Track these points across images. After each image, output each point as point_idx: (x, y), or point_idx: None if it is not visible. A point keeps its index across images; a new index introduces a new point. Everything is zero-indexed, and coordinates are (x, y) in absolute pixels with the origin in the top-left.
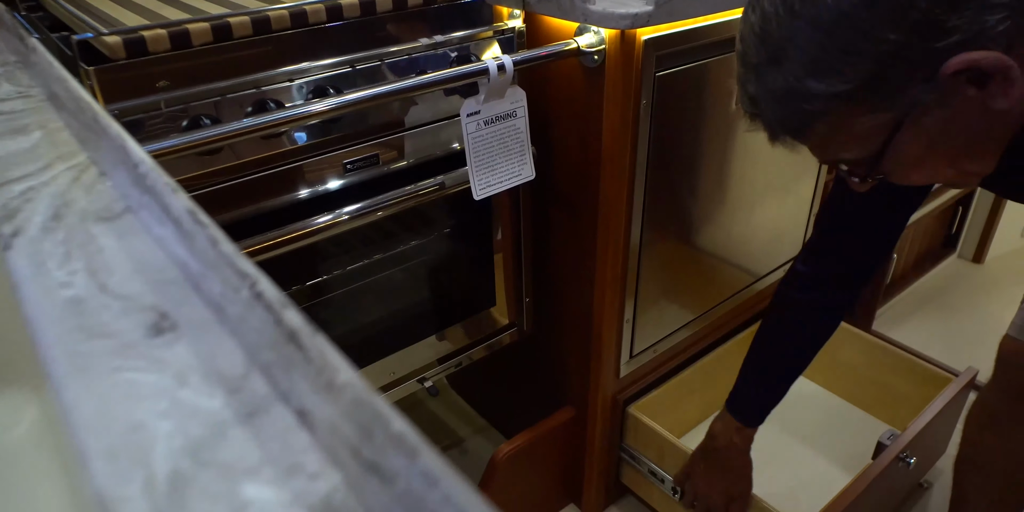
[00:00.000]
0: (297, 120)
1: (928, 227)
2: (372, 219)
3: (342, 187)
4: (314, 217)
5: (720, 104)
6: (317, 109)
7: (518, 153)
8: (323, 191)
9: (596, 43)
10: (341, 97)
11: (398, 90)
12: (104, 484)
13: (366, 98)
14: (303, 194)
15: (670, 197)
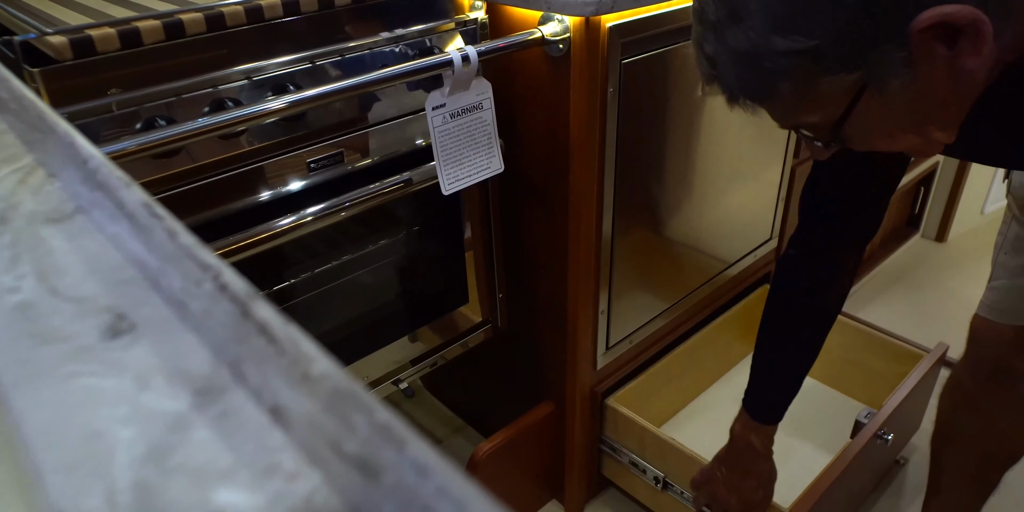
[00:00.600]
0: (255, 118)
1: (891, 208)
2: (338, 219)
3: (306, 187)
4: (278, 219)
5: (687, 90)
6: (276, 106)
7: (486, 146)
8: (286, 192)
9: (561, 32)
10: (300, 94)
11: (359, 85)
12: (61, 499)
13: (326, 94)
14: (266, 195)
15: (640, 186)
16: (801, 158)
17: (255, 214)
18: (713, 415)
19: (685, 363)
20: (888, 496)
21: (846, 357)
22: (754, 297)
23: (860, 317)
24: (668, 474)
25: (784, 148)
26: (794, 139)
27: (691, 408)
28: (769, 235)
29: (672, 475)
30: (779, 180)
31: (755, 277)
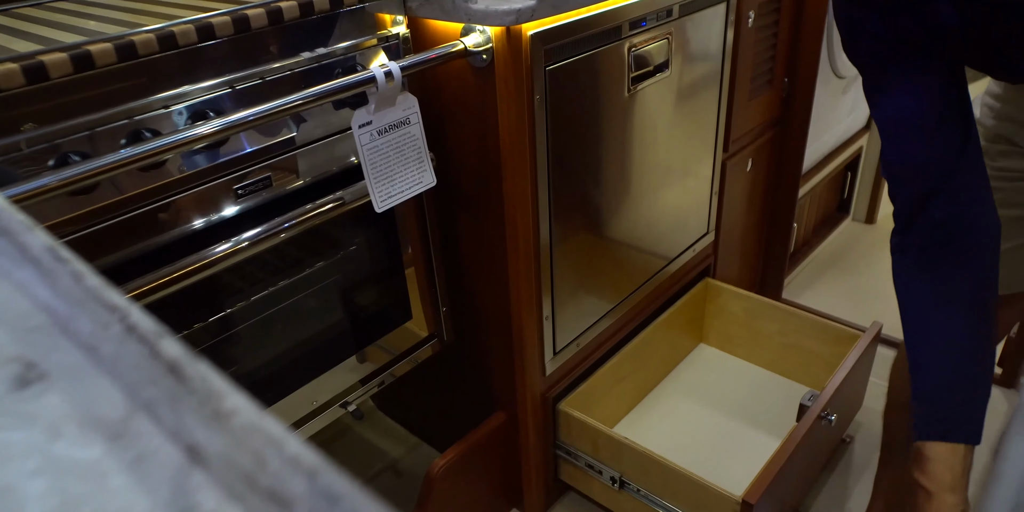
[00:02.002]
0: (173, 149)
1: (822, 195)
2: (271, 244)
3: (236, 214)
4: (208, 248)
5: (614, 92)
6: (194, 135)
7: (416, 160)
8: (216, 220)
9: (483, 42)
10: (219, 121)
11: (280, 108)
12: None
13: (246, 120)
14: (194, 225)
15: (575, 189)
16: (730, 152)
17: (185, 245)
18: (664, 410)
19: (633, 362)
20: (838, 474)
21: (786, 342)
22: (696, 291)
23: (799, 303)
24: (624, 473)
25: (713, 143)
26: (723, 134)
27: (643, 405)
28: (706, 229)
29: (628, 474)
30: (711, 175)
31: (695, 271)
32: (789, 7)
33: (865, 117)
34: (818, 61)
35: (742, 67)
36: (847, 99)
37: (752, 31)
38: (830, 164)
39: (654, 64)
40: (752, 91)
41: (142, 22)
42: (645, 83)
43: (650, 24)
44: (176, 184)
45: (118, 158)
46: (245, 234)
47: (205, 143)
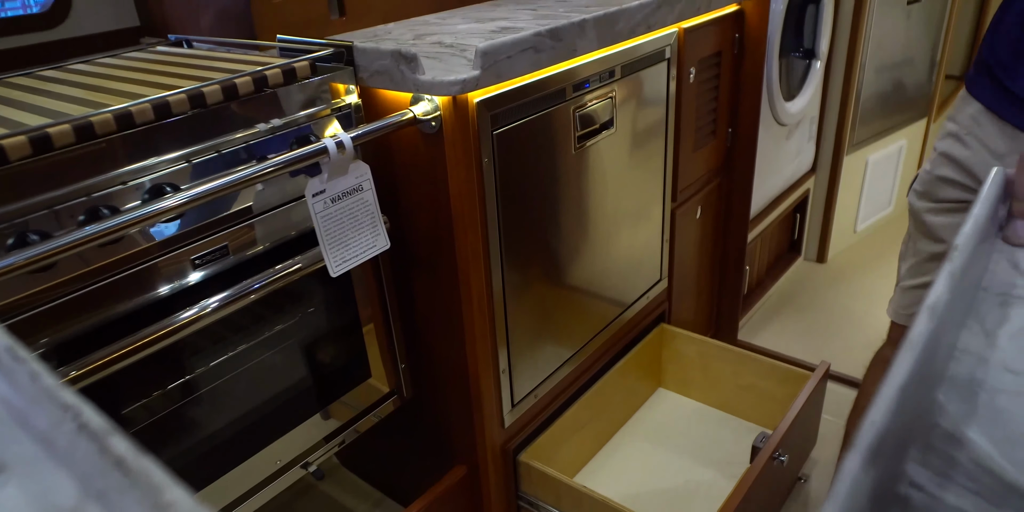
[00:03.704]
0: (130, 226)
1: (773, 236)
2: (230, 311)
3: (193, 284)
4: (167, 318)
5: (561, 150)
6: (154, 210)
7: (370, 225)
8: (174, 290)
9: (431, 110)
10: (175, 197)
11: (235, 182)
12: None
13: (202, 195)
14: (152, 296)
15: (527, 246)
16: (678, 201)
17: (143, 316)
18: (624, 456)
19: (592, 409)
20: None
21: (740, 383)
22: (652, 337)
23: (754, 344)
24: None
25: (662, 193)
26: (670, 184)
27: (604, 453)
28: (659, 276)
29: None
30: (661, 223)
31: (651, 317)
32: (728, 61)
33: (810, 160)
34: (759, 111)
35: (686, 120)
36: (791, 145)
37: (693, 86)
38: (779, 206)
39: (599, 122)
40: (697, 142)
41: (99, 100)
42: (591, 140)
43: (593, 85)
44: (133, 257)
45: (76, 237)
46: (203, 303)
47: (162, 219)
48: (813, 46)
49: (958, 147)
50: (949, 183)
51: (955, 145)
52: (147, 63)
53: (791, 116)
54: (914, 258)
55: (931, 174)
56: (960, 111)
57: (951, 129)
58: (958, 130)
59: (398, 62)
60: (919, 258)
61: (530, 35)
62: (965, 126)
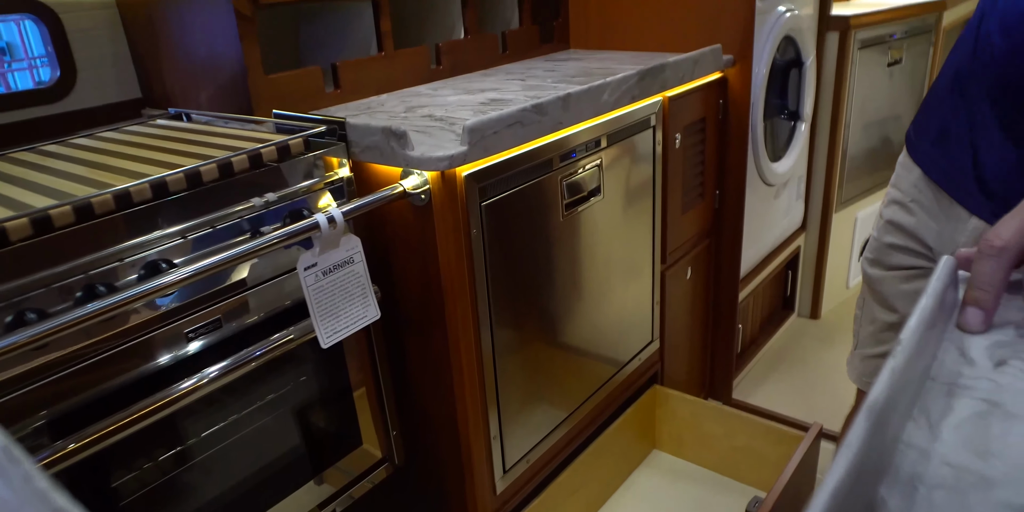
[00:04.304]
0: (125, 304)
1: (765, 294)
2: (221, 383)
3: (186, 357)
4: (159, 391)
5: (549, 218)
6: (150, 288)
7: (360, 297)
8: (167, 363)
9: (420, 184)
10: (170, 275)
11: (229, 259)
12: None
13: (196, 272)
14: (145, 369)
15: (517, 311)
16: (667, 263)
17: (136, 390)
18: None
19: (585, 473)
20: None
21: (734, 445)
22: (645, 398)
23: (748, 403)
24: None
25: (651, 256)
26: (659, 246)
27: None
28: (650, 337)
29: None
30: (651, 286)
31: (643, 379)
32: (713, 126)
33: (800, 218)
34: (745, 173)
35: (673, 184)
36: (780, 203)
37: (680, 151)
38: (770, 264)
39: (587, 190)
40: (685, 204)
41: (99, 178)
42: (579, 207)
43: (580, 154)
44: (127, 333)
45: (72, 318)
46: (196, 376)
47: (158, 296)
48: (798, 108)
49: (902, 214)
50: (898, 249)
51: (899, 212)
52: (147, 138)
53: (778, 176)
54: (871, 326)
55: (879, 241)
56: (901, 178)
57: (894, 196)
58: (901, 197)
59: (388, 138)
60: (876, 326)
61: (516, 110)
62: (908, 193)
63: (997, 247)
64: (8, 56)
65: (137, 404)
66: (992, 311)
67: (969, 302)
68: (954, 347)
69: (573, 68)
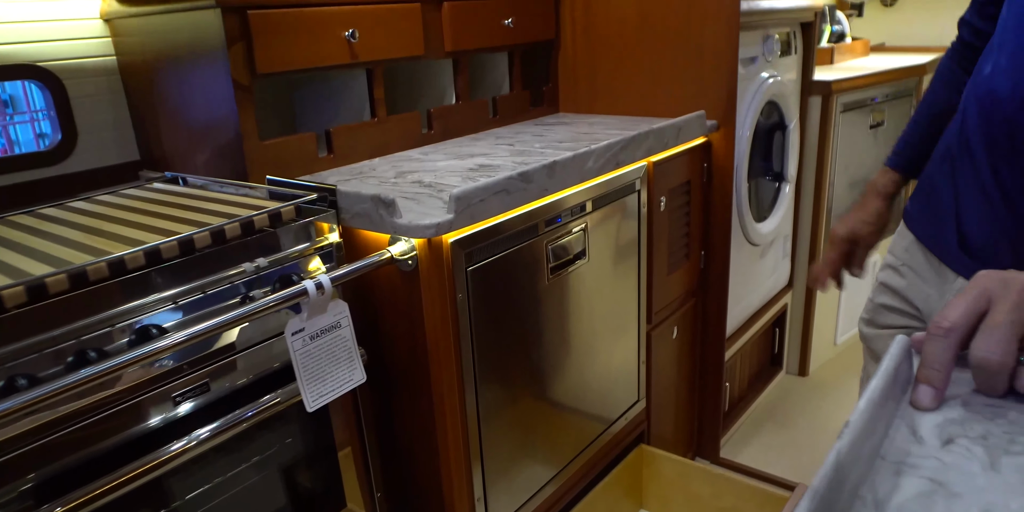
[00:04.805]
0: (115, 371)
1: (754, 350)
2: (208, 447)
3: (173, 421)
4: (146, 455)
5: (534, 281)
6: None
7: (347, 360)
8: (154, 427)
9: (408, 250)
10: (161, 341)
11: (217, 326)
12: None
13: (185, 338)
14: (133, 433)
15: (502, 372)
16: (653, 323)
17: (124, 453)
18: None
19: None
20: None
21: (721, 505)
22: (631, 458)
23: (736, 462)
24: None
25: (636, 316)
26: (645, 307)
27: None
28: (637, 397)
29: None
30: (637, 345)
31: (629, 438)
32: (698, 189)
33: (787, 276)
34: (730, 233)
35: (658, 245)
36: (766, 262)
37: (665, 213)
38: (758, 322)
39: (572, 253)
40: (671, 265)
41: (94, 244)
42: (565, 270)
43: (565, 219)
44: (114, 397)
45: (62, 385)
46: (182, 439)
47: (146, 362)
48: (782, 170)
49: (894, 277)
50: (889, 310)
51: (892, 275)
52: (143, 202)
53: (763, 236)
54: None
55: (873, 302)
56: (896, 244)
57: (889, 260)
58: (894, 261)
59: (377, 206)
60: None
61: (502, 178)
62: (900, 257)
63: (945, 328)
64: (11, 108)
65: (123, 468)
66: (942, 389)
67: (921, 380)
68: (905, 425)
69: (561, 133)
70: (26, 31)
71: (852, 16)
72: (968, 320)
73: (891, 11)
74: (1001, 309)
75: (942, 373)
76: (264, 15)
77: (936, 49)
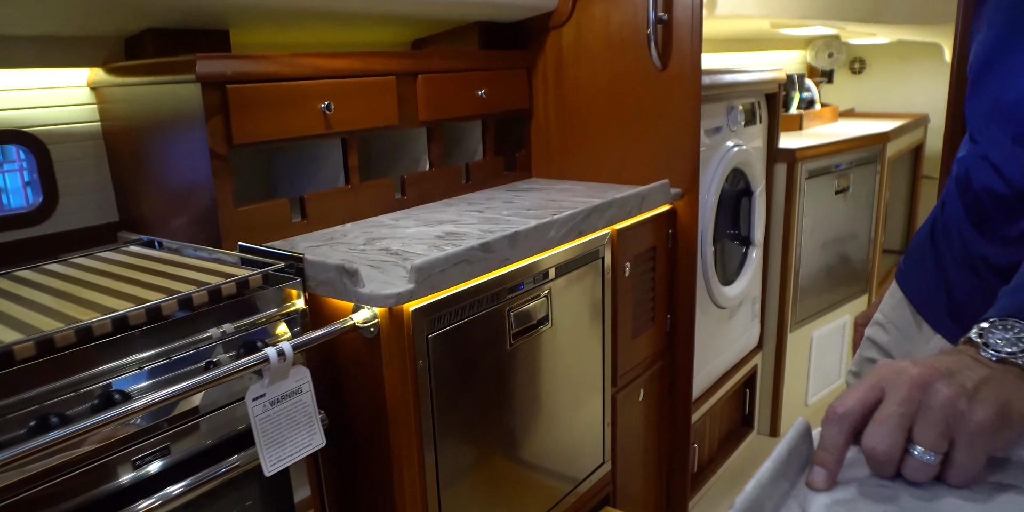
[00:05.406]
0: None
1: (724, 411)
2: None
3: (132, 484)
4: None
5: (496, 347)
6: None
7: (307, 425)
8: (111, 490)
9: (370, 318)
10: (123, 407)
11: (178, 393)
12: None
13: (147, 405)
14: (90, 497)
15: (464, 436)
16: (618, 386)
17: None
18: None
19: None
20: None
21: None
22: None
23: None
24: None
25: (601, 379)
26: (610, 370)
27: None
28: (602, 459)
29: None
30: (601, 408)
31: (595, 501)
32: (663, 255)
33: (756, 337)
34: (695, 297)
35: (623, 310)
36: (734, 323)
37: (629, 278)
38: (727, 383)
39: (535, 319)
40: (636, 329)
41: (65, 310)
42: (527, 336)
43: (528, 286)
44: (74, 461)
45: (22, 450)
46: (140, 503)
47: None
48: (749, 234)
49: (880, 332)
50: (873, 363)
51: (878, 331)
52: (117, 266)
53: (730, 299)
54: None
55: (860, 356)
56: (886, 302)
57: (877, 318)
58: (882, 318)
59: (342, 275)
60: None
61: (463, 250)
62: (887, 315)
63: (839, 414)
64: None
65: None
66: (835, 471)
67: (816, 462)
68: (797, 504)
69: (531, 199)
70: (15, 98)
71: (822, 83)
72: (862, 408)
73: (860, 78)
74: (892, 401)
75: (834, 456)
76: (242, 89)
77: (904, 115)
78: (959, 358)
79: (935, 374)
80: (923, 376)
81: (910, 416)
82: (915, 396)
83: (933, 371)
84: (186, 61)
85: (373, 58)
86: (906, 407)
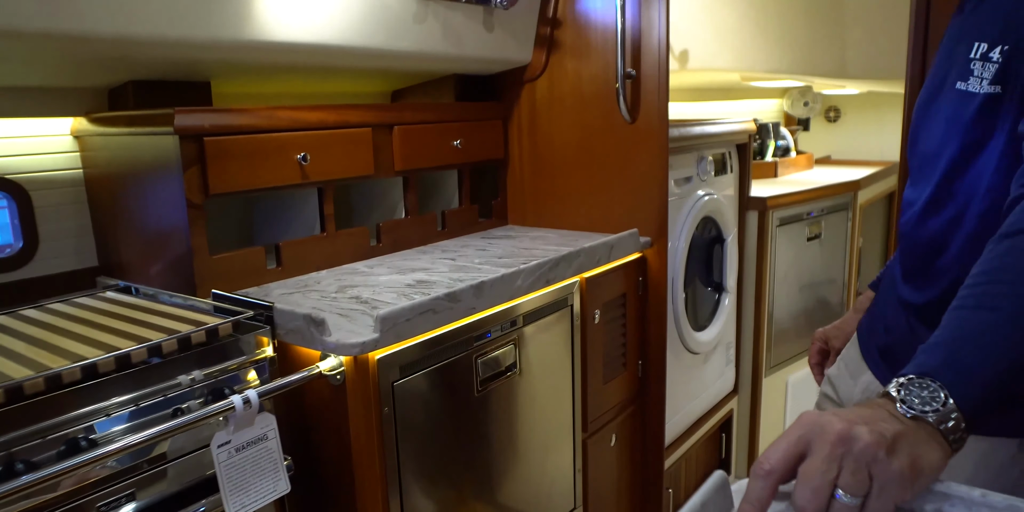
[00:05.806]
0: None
1: (700, 455)
2: None
3: None
4: None
5: (463, 394)
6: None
7: (272, 472)
8: None
9: (336, 366)
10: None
11: (144, 440)
12: None
13: (111, 452)
14: None
15: (430, 482)
16: (589, 432)
17: None
18: None
19: None
20: None
21: None
22: None
23: None
24: None
25: (572, 425)
26: (580, 416)
27: None
28: (572, 505)
29: None
30: (572, 454)
31: None
32: (634, 301)
33: (732, 382)
34: (665, 343)
35: (593, 357)
36: (708, 368)
37: (599, 326)
38: (702, 428)
39: (503, 366)
40: (606, 375)
41: (36, 358)
42: (495, 383)
43: (495, 334)
44: (39, 507)
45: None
46: None
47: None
48: (721, 281)
49: (835, 368)
50: (826, 398)
51: (835, 367)
52: (92, 312)
53: (702, 345)
54: None
55: (821, 390)
56: (851, 343)
57: (842, 355)
58: (842, 355)
59: (309, 324)
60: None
61: (429, 299)
62: (845, 352)
63: (766, 470)
64: None
65: None
66: None
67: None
68: None
69: (503, 247)
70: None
71: (798, 131)
72: (787, 464)
73: (835, 126)
74: (816, 458)
75: (758, 508)
76: (219, 141)
77: (878, 163)
78: (878, 412)
79: (856, 424)
80: (845, 431)
81: (835, 471)
82: (837, 453)
83: (854, 426)
84: (165, 114)
85: (349, 110)
86: (829, 464)
